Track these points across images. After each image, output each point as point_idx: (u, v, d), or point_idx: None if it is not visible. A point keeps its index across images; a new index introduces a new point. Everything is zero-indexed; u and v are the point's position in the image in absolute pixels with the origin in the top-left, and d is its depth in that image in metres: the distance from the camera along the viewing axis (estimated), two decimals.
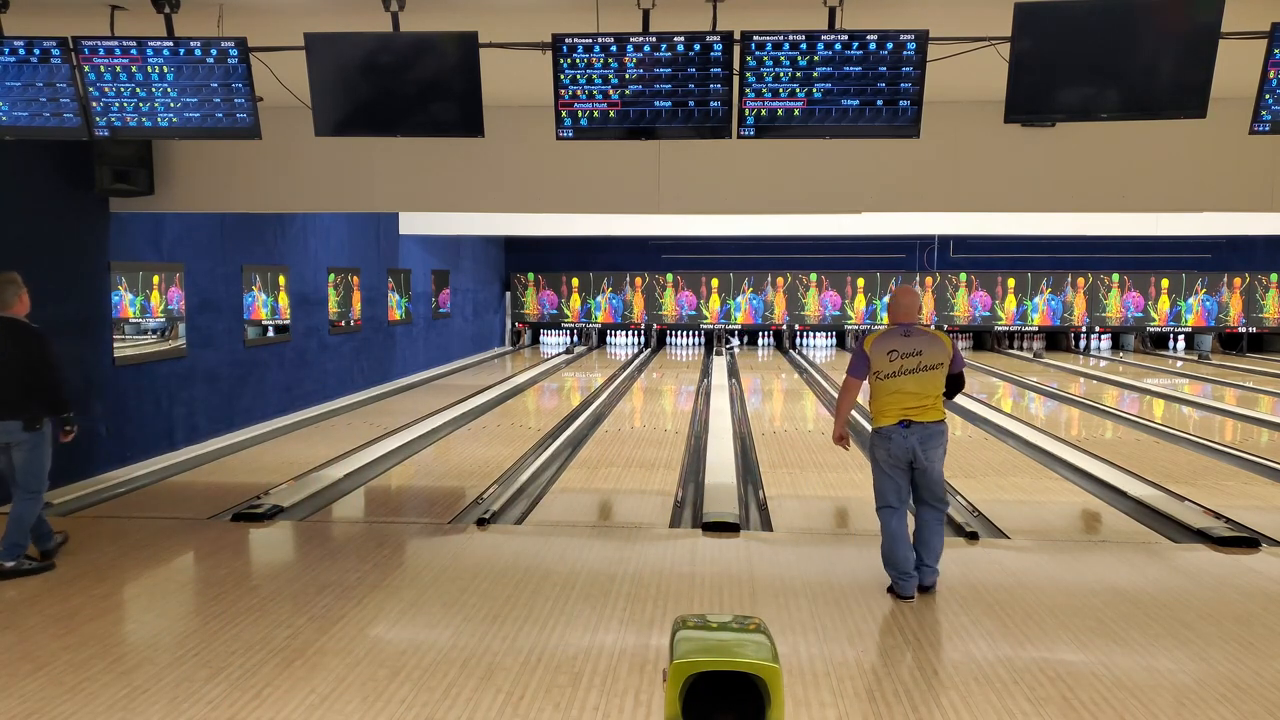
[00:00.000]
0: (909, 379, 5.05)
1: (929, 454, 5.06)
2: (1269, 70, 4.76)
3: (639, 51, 4.93)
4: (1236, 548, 6.12)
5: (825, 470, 8.60)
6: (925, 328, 5.19)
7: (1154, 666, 4.31)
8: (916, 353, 5.06)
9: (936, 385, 5.08)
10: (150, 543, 6.17)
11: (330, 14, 5.27)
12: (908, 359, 5.06)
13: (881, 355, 5.10)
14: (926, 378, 5.06)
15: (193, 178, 8.00)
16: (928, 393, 5.06)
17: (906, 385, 5.05)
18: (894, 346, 5.09)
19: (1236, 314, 21.52)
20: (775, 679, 2.86)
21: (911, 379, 5.05)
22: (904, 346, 5.08)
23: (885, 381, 5.10)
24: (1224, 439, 10.58)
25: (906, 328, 5.15)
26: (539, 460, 8.81)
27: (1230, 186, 7.28)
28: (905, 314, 5.21)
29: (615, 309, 22.48)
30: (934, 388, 5.07)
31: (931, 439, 5.06)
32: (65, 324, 7.72)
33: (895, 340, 5.11)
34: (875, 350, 5.13)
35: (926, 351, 5.06)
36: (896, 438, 5.06)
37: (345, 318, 13.24)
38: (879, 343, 5.15)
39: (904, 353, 5.07)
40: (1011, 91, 4.81)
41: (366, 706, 3.84)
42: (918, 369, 5.05)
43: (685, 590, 5.26)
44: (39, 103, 5.23)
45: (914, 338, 5.10)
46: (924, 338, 5.11)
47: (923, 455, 5.05)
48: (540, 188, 7.75)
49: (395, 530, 6.57)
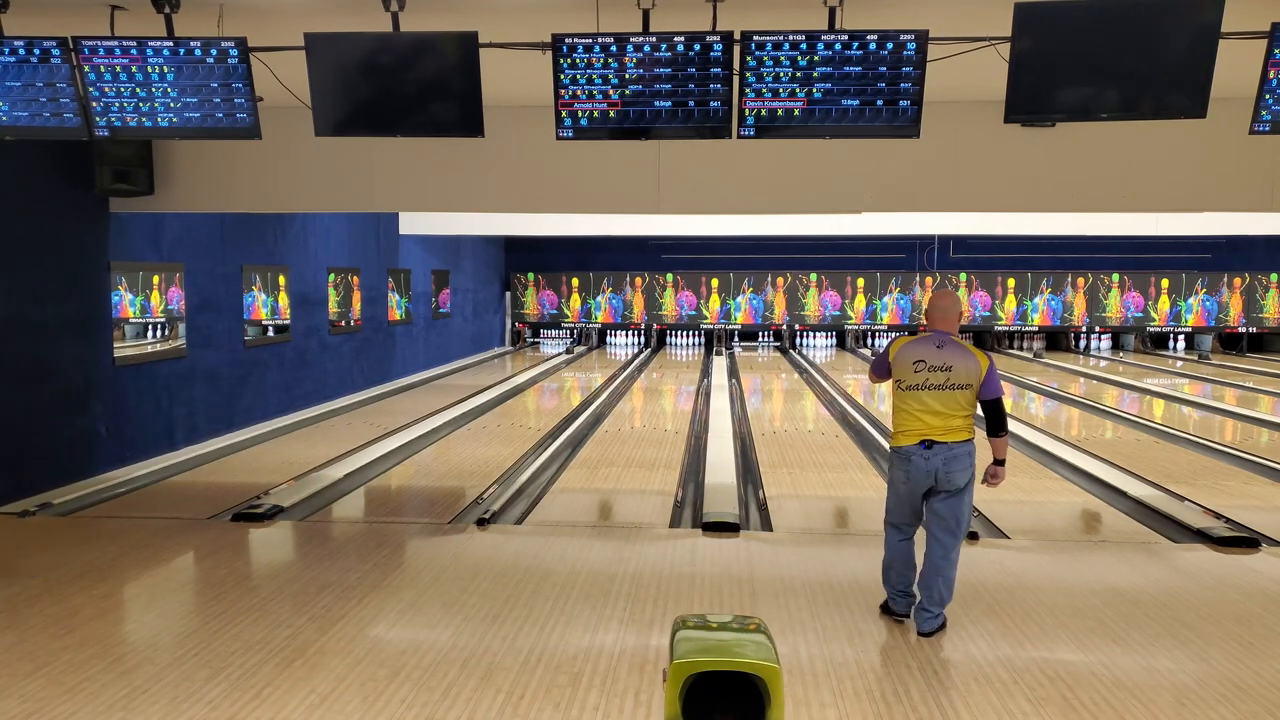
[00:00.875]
0: (933, 395, 4.55)
1: (953, 477, 4.57)
2: (1269, 70, 4.76)
3: (639, 51, 4.93)
4: (1236, 548, 6.12)
5: (825, 470, 8.60)
6: (964, 342, 4.65)
7: (1154, 666, 4.31)
8: (946, 367, 4.55)
9: (963, 406, 4.57)
10: (150, 543, 6.17)
11: (330, 14, 5.27)
12: (935, 373, 4.55)
13: (907, 364, 4.61)
14: (952, 397, 4.55)
15: (193, 178, 8.00)
16: (954, 412, 4.56)
17: (930, 402, 4.56)
18: (922, 356, 4.59)
19: (1236, 314, 21.52)
20: (775, 679, 2.86)
21: (936, 395, 4.55)
22: (934, 359, 4.57)
23: (907, 394, 4.62)
24: (1224, 439, 10.58)
25: (941, 338, 4.63)
26: (539, 460, 8.81)
27: (1230, 186, 7.28)
28: (942, 320, 4.70)
29: (615, 309, 22.48)
30: (960, 408, 4.56)
31: (956, 460, 4.56)
32: (65, 324, 7.73)
33: (926, 350, 4.61)
34: (900, 357, 4.65)
35: (957, 368, 4.54)
36: (916, 459, 4.59)
37: (345, 318, 13.24)
38: (907, 350, 4.66)
39: (932, 365, 4.56)
40: (1011, 91, 4.80)
41: (366, 706, 3.84)
42: (944, 385, 4.54)
43: (685, 590, 5.26)
44: (39, 103, 5.23)
45: (947, 350, 4.58)
46: (958, 352, 4.58)
47: (946, 479, 4.57)
48: (540, 188, 7.75)
49: (395, 530, 6.57)
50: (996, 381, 4.64)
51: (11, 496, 7.09)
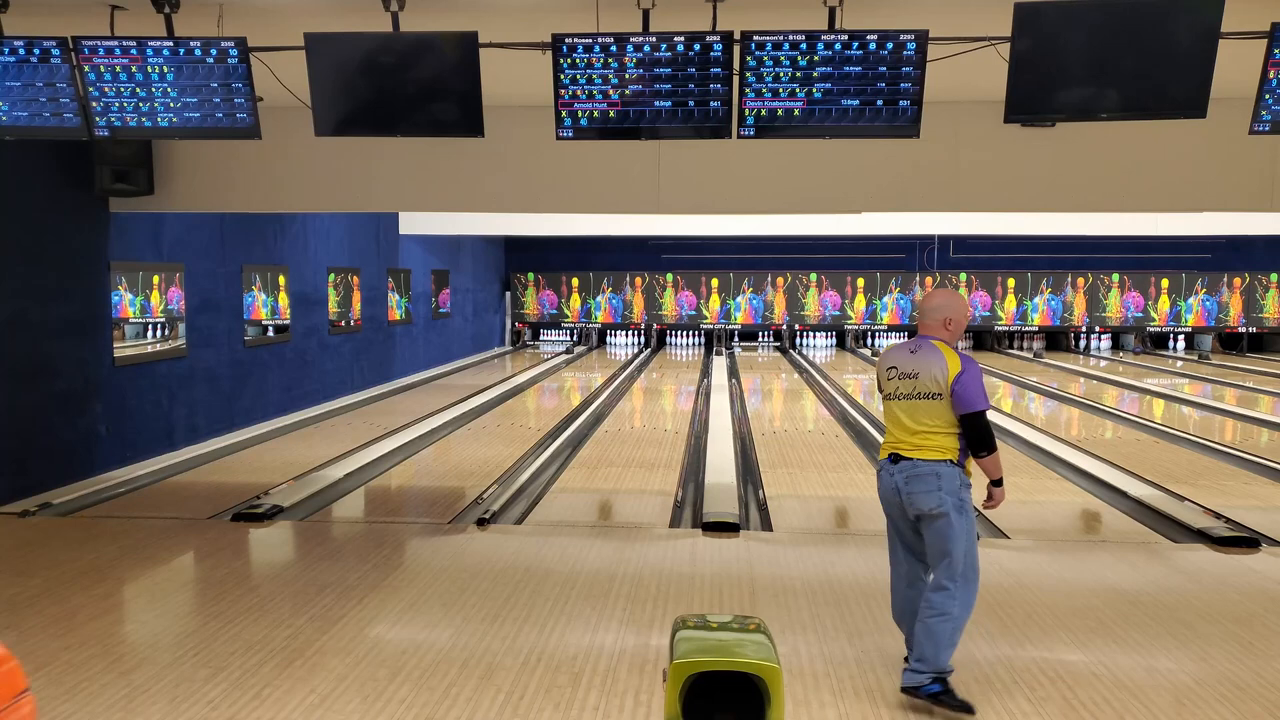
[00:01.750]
0: (901, 405, 4.04)
1: (915, 499, 3.95)
2: (1269, 70, 4.76)
3: (639, 51, 4.93)
4: (1236, 548, 6.11)
5: (825, 470, 8.60)
6: (943, 346, 4.03)
7: (1154, 666, 4.31)
8: (913, 375, 4.01)
9: (934, 419, 3.95)
10: (150, 543, 6.17)
11: (330, 14, 5.27)
12: (903, 381, 4.04)
13: (882, 372, 4.16)
14: (919, 408, 3.98)
15: (193, 178, 8.00)
16: (922, 426, 3.98)
17: (898, 413, 4.05)
18: (895, 363, 4.09)
19: (1236, 314, 21.52)
20: (775, 679, 2.87)
21: (903, 406, 4.03)
22: (905, 365, 4.05)
23: (884, 404, 4.18)
24: (1224, 439, 10.58)
25: (918, 342, 4.10)
26: (539, 460, 8.80)
27: (1230, 186, 7.28)
28: (921, 322, 4.18)
29: (615, 309, 22.48)
30: (930, 422, 3.96)
31: (919, 480, 3.94)
32: (65, 324, 7.73)
33: (900, 356, 4.10)
34: (881, 363, 4.21)
35: (923, 376, 3.97)
36: (883, 474, 4.10)
37: (345, 318, 13.24)
38: (886, 356, 4.22)
39: (901, 373, 4.05)
40: (1011, 91, 4.80)
41: (366, 706, 3.84)
42: (910, 395, 4.01)
43: (685, 590, 5.25)
44: (39, 103, 5.22)
45: (918, 355, 4.03)
46: (928, 359, 3.99)
47: (909, 501, 3.97)
48: (540, 188, 7.75)
49: (395, 530, 6.57)
50: (971, 392, 3.91)
51: (11, 496, 7.09)
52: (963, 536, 3.91)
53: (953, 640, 3.85)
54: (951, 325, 4.10)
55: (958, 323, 4.12)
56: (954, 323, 4.11)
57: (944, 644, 3.83)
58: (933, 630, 3.84)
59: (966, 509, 3.95)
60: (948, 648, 3.83)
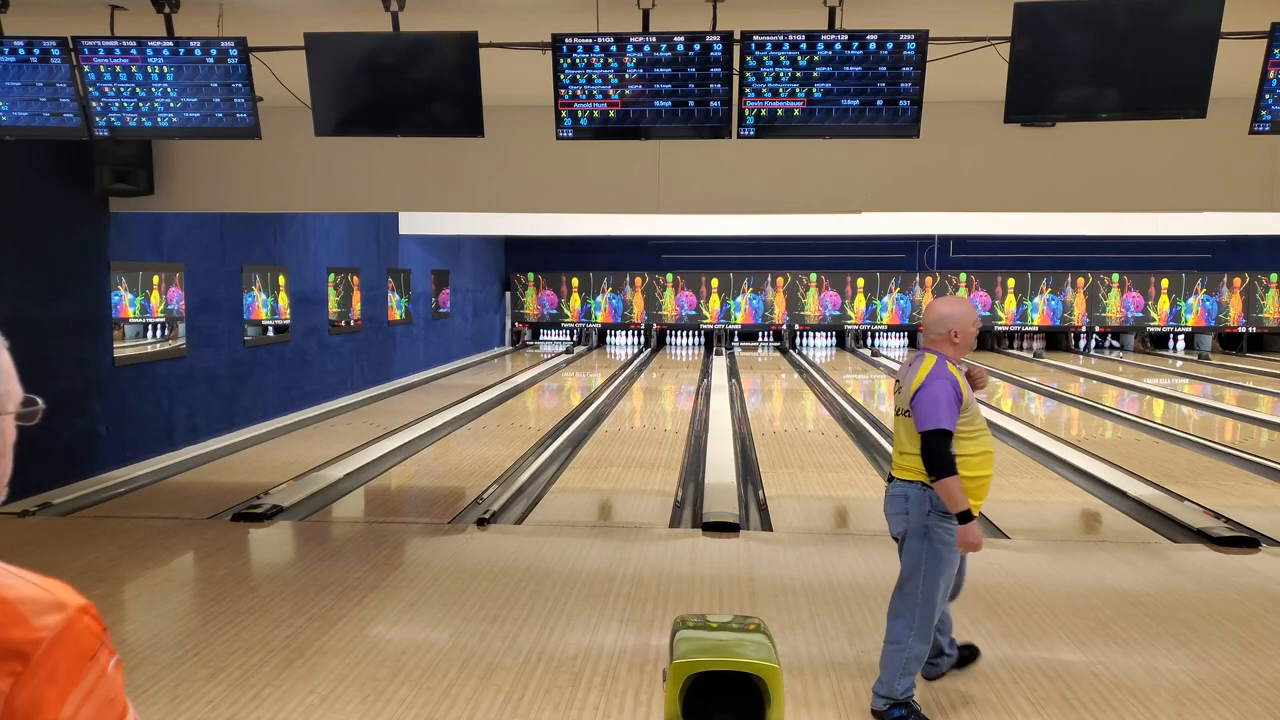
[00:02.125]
0: (897, 420, 3.85)
1: (888, 521, 3.84)
2: (1269, 70, 4.76)
3: (639, 51, 4.93)
4: (1236, 548, 6.11)
5: (825, 470, 8.60)
6: (927, 359, 3.71)
7: (1154, 666, 4.30)
8: (900, 390, 3.80)
9: (908, 436, 3.73)
10: (150, 543, 6.17)
11: (330, 14, 5.27)
12: (897, 395, 3.83)
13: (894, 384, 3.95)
14: (900, 425, 3.79)
15: (193, 178, 8.00)
16: (900, 444, 3.79)
17: (895, 429, 3.87)
18: (898, 376, 3.88)
19: (1236, 314, 21.52)
20: (775, 679, 2.87)
21: (897, 421, 3.84)
22: (900, 379, 3.83)
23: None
24: (1224, 439, 10.58)
25: (915, 354, 3.83)
26: (539, 460, 8.80)
27: (1230, 186, 7.28)
28: (925, 335, 3.85)
29: (615, 309, 22.48)
30: (905, 438, 3.75)
31: (891, 501, 3.80)
32: (65, 324, 7.73)
33: (902, 369, 3.90)
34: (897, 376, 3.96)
35: (904, 391, 3.75)
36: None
37: (345, 318, 13.24)
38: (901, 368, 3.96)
39: (897, 386, 3.85)
40: (1011, 91, 4.80)
41: (366, 706, 3.84)
42: (899, 411, 3.81)
43: (685, 590, 5.25)
44: (39, 103, 5.22)
45: (908, 369, 3.79)
46: (910, 373, 3.74)
47: (887, 521, 3.87)
48: (540, 188, 7.75)
49: (395, 530, 6.57)
50: (925, 410, 3.57)
51: (11, 496, 7.02)
52: (922, 563, 3.68)
53: (908, 669, 3.69)
54: (959, 337, 3.72)
55: (965, 333, 3.73)
56: (961, 334, 3.72)
57: (897, 672, 3.69)
58: (887, 656, 3.75)
59: (933, 536, 3.66)
60: (903, 676, 3.69)
